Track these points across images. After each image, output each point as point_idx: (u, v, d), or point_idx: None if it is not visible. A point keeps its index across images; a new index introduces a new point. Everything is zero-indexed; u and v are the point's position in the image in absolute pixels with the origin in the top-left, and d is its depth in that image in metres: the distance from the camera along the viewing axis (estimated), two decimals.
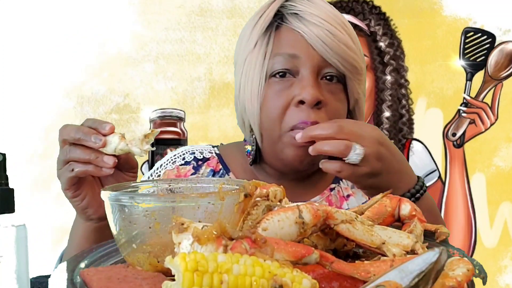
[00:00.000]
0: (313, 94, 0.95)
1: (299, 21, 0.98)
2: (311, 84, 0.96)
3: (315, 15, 0.98)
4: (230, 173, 1.13)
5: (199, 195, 0.66)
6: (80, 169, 0.84)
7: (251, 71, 1.01)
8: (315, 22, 0.97)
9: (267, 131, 1.01)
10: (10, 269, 0.62)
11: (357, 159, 0.86)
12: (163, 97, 2.41)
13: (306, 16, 0.98)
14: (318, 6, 1.00)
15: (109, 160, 0.83)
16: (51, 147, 2.37)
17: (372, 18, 2.43)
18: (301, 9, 0.99)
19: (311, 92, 0.95)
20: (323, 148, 0.88)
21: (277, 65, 0.98)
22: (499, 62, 2.42)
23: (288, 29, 0.99)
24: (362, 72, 1.03)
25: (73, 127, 0.85)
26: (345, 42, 0.98)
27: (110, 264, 0.69)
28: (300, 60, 0.97)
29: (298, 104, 0.97)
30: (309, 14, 0.98)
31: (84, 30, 2.36)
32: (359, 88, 1.03)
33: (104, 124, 0.84)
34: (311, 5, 1.00)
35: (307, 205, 0.60)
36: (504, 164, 2.41)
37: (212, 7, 2.40)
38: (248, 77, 1.01)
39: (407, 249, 0.64)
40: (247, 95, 1.02)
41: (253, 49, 1.01)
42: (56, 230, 2.33)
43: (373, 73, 2.43)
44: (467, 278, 0.53)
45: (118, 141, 0.83)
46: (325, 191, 1.13)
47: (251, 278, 0.48)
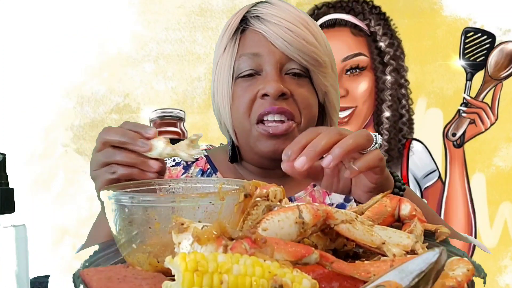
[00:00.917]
0: (276, 86, 1.00)
1: (260, 22, 1.05)
2: (274, 79, 1.01)
3: (275, 15, 1.04)
4: (218, 172, 1.17)
5: (199, 195, 0.66)
6: (124, 172, 0.83)
7: (221, 74, 1.07)
8: (275, 22, 1.03)
9: (238, 128, 1.06)
10: (10, 269, 0.62)
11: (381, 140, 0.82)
12: (163, 97, 2.41)
13: (267, 17, 1.05)
14: (280, 8, 1.06)
15: (155, 164, 0.83)
16: (51, 147, 2.37)
17: (372, 18, 2.43)
18: (263, 11, 1.06)
19: (273, 85, 1.00)
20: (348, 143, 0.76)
21: (242, 65, 1.05)
22: (499, 62, 2.42)
23: (251, 31, 1.06)
24: (326, 65, 1.07)
25: (117, 130, 0.84)
26: (304, 37, 1.03)
27: (110, 264, 0.69)
28: (262, 58, 1.03)
29: (263, 97, 1.02)
30: (270, 15, 1.05)
31: (84, 30, 2.36)
32: (326, 81, 1.07)
33: (147, 128, 0.84)
34: (272, 7, 1.06)
35: (307, 205, 0.60)
36: (504, 164, 2.41)
37: (212, 7, 2.40)
38: (219, 80, 1.08)
39: (407, 249, 0.64)
40: (219, 97, 1.08)
41: (222, 53, 1.08)
42: (56, 230, 2.33)
43: (373, 73, 2.44)
44: (467, 278, 0.53)
45: (164, 145, 0.83)
46: (308, 187, 1.16)
47: (251, 278, 0.48)
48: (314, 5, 2.44)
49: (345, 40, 2.43)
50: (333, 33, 2.43)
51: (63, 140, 2.38)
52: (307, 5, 2.44)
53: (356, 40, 2.43)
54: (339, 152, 0.75)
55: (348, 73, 2.42)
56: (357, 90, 2.43)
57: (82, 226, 2.27)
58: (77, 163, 2.38)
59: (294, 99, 1.03)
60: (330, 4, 2.44)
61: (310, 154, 0.76)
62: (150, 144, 0.82)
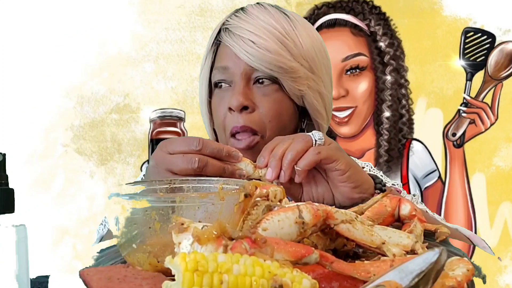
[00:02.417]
0: (238, 100, 1.04)
1: (228, 36, 1.09)
2: (239, 91, 1.06)
3: (243, 28, 1.08)
4: None
5: (199, 195, 0.66)
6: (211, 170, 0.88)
7: (202, 85, 1.15)
8: (240, 34, 1.07)
9: (219, 137, 1.13)
10: (10, 269, 0.62)
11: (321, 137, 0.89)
12: (163, 97, 2.41)
13: (235, 30, 1.08)
14: (249, 19, 1.09)
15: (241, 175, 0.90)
16: (51, 147, 2.37)
17: (372, 18, 2.43)
18: (232, 24, 1.09)
19: (236, 99, 1.05)
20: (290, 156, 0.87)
21: (215, 77, 1.11)
22: (499, 62, 2.42)
23: (222, 45, 1.11)
24: (293, 70, 1.07)
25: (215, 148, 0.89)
26: (267, 47, 1.06)
27: (110, 264, 0.69)
28: (230, 71, 1.08)
29: (230, 111, 1.07)
30: (238, 27, 1.08)
31: (84, 30, 2.36)
32: (298, 85, 1.08)
33: (235, 153, 0.90)
34: (243, 19, 1.09)
35: (307, 205, 0.60)
36: (504, 164, 2.41)
37: (212, 7, 2.40)
38: (201, 91, 1.15)
39: (407, 249, 0.64)
40: (202, 107, 1.16)
41: (203, 65, 1.15)
42: (56, 230, 2.33)
43: (373, 73, 2.44)
44: (467, 278, 0.53)
45: (252, 171, 0.89)
46: None
47: (251, 278, 0.48)
48: (314, 5, 2.44)
49: (345, 40, 2.43)
50: (333, 33, 2.43)
51: (63, 140, 2.38)
52: (307, 5, 2.44)
53: (356, 40, 2.43)
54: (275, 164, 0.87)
55: (348, 73, 2.42)
56: (357, 90, 2.43)
57: (82, 226, 2.27)
58: (77, 163, 2.38)
59: (258, 111, 1.07)
60: (330, 4, 2.44)
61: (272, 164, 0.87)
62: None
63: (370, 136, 2.46)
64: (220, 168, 0.88)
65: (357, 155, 2.43)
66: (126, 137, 2.40)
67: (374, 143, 2.45)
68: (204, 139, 0.89)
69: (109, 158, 2.39)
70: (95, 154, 2.39)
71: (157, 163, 0.90)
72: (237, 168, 0.89)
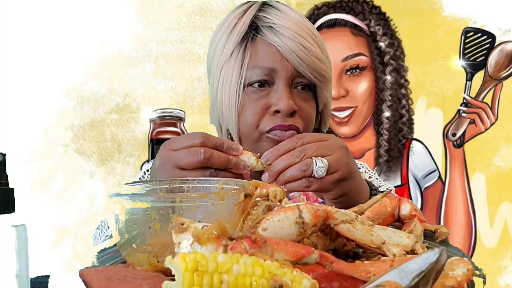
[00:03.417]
0: (289, 105, 1.03)
1: (274, 34, 1.05)
2: (287, 96, 1.04)
3: (288, 28, 1.05)
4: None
5: (199, 195, 0.66)
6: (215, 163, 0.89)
7: (228, 80, 1.07)
8: (289, 36, 1.04)
9: (245, 135, 1.08)
10: (10, 269, 0.62)
11: (323, 172, 0.89)
12: (163, 97, 2.41)
13: (280, 29, 1.05)
14: (290, 18, 1.06)
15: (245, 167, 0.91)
16: (51, 147, 2.37)
17: (372, 18, 2.43)
18: (275, 22, 1.05)
19: (286, 103, 1.03)
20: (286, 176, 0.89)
21: (255, 76, 1.05)
22: (499, 62, 2.42)
23: (263, 42, 1.06)
24: (330, 79, 1.11)
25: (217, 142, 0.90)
26: (317, 55, 1.06)
27: (110, 264, 0.69)
28: (276, 73, 1.05)
29: (274, 113, 1.04)
30: (283, 27, 1.05)
31: (84, 30, 2.36)
32: (327, 93, 1.12)
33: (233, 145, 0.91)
34: (283, 17, 1.06)
35: (307, 205, 0.60)
36: (504, 164, 2.41)
37: (212, 7, 2.40)
38: (225, 85, 1.08)
39: (407, 249, 0.64)
40: (225, 102, 1.08)
41: (229, 58, 1.07)
42: (56, 230, 2.33)
43: (373, 73, 2.44)
44: (467, 278, 0.53)
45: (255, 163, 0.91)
46: None
47: (251, 278, 0.48)
48: (314, 5, 2.44)
49: (345, 40, 2.43)
50: (333, 33, 2.43)
51: (63, 140, 2.38)
52: (307, 5, 2.44)
53: (356, 40, 2.43)
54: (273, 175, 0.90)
55: (348, 73, 2.42)
56: (357, 90, 2.43)
57: (82, 226, 2.27)
58: (77, 163, 2.38)
59: (299, 114, 1.06)
60: (330, 4, 2.44)
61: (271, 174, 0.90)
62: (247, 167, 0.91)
63: (370, 136, 2.46)
64: (225, 159, 0.88)
65: (357, 155, 2.43)
66: (126, 137, 2.40)
67: (374, 143, 2.45)
68: (206, 134, 0.90)
69: (109, 158, 2.39)
70: (95, 154, 2.39)
71: (163, 161, 0.90)
72: (241, 160, 0.90)
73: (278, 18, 1.06)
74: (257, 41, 1.06)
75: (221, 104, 1.09)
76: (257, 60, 1.05)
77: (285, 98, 1.03)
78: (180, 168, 0.88)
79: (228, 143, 0.90)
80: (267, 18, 1.06)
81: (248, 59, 1.06)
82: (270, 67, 1.04)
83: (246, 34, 1.06)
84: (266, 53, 1.05)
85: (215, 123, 1.15)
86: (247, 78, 1.05)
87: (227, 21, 1.10)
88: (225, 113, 1.09)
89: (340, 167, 0.90)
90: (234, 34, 1.07)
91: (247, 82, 1.05)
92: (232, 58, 1.06)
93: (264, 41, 1.05)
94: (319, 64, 1.06)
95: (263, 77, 1.05)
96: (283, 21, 1.05)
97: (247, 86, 1.06)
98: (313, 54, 1.05)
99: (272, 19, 1.06)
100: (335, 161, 0.90)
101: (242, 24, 1.07)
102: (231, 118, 1.08)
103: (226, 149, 0.90)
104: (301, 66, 1.04)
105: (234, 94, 1.06)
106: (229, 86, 1.07)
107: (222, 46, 1.08)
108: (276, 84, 1.05)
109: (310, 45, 1.05)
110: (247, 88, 1.06)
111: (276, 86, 1.05)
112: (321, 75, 1.07)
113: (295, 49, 1.03)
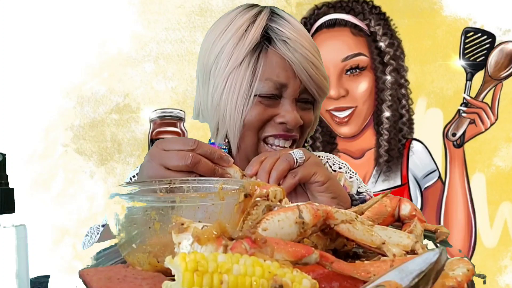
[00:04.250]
0: (296, 119, 1.07)
1: (287, 49, 1.06)
2: (294, 109, 1.07)
3: (301, 44, 1.06)
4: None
5: (199, 195, 0.66)
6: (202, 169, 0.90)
7: (237, 89, 1.06)
8: (302, 53, 1.06)
9: (244, 140, 1.09)
10: (10, 269, 0.62)
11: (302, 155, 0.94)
12: (163, 97, 2.41)
13: (295, 45, 1.06)
14: (301, 33, 1.08)
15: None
16: (51, 147, 2.37)
17: (372, 18, 2.43)
18: (289, 37, 1.06)
19: (293, 117, 1.07)
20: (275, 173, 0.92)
21: (266, 89, 1.06)
22: (499, 62, 2.42)
23: (276, 55, 1.06)
24: (327, 92, 1.15)
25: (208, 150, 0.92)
26: (323, 73, 1.10)
27: (110, 264, 0.69)
28: (286, 88, 1.07)
29: (279, 124, 1.07)
30: (297, 43, 1.06)
31: (84, 30, 2.36)
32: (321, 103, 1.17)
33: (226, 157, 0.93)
34: (295, 32, 1.08)
35: (307, 205, 0.60)
36: (504, 164, 2.41)
37: (212, 7, 2.40)
38: (232, 93, 1.07)
39: (407, 249, 0.64)
40: (230, 109, 1.08)
41: (239, 66, 1.06)
42: (56, 230, 2.33)
43: (373, 73, 2.44)
44: (467, 278, 0.53)
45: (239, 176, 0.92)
46: None
47: (251, 278, 0.48)
48: (314, 5, 2.44)
49: (345, 40, 2.43)
50: (333, 33, 2.43)
51: (63, 140, 2.38)
52: (307, 5, 2.44)
53: (356, 40, 2.43)
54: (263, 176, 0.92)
55: (348, 73, 2.42)
56: (357, 90, 2.43)
57: (82, 226, 2.27)
58: (77, 163, 2.38)
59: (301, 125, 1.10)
60: (330, 4, 2.44)
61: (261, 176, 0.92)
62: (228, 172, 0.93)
63: (370, 136, 2.46)
64: (211, 168, 0.90)
65: (357, 155, 2.43)
66: (126, 137, 2.40)
67: (374, 143, 2.45)
68: (199, 141, 0.92)
69: (109, 158, 2.39)
70: (95, 154, 2.39)
71: (152, 158, 0.92)
72: (226, 173, 0.92)
73: (291, 32, 1.07)
74: (270, 53, 1.06)
75: (224, 110, 1.08)
76: (271, 73, 1.06)
77: (293, 112, 1.06)
78: (166, 168, 0.90)
79: (219, 153, 0.92)
80: (280, 31, 1.06)
81: (261, 70, 1.06)
82: (283, 82, 1.06)
83: (258, 43, 1.06)
84: (279, 67, 1.06)
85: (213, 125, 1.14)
86: (258, 88, 1.06)
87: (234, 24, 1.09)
88: (228, 119, 1.08)
89: (310, 154, 0.96)
90: (245, 42, 1.06)
91: (258, 92, 1.06)
92: (242, 66, 1.06)
93: (277, 54, 1.06)
94: (324, 82, 1.10)
95: (274, 91, 1.06)
96: (296, 36, 1.06)
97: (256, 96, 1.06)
98: (320, 72, 1.09)
99: (286, 33, 1.06)
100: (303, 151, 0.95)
101: (254, 33, 1.06)
102: (235, 125, 1.08)
103: (217, 159, 0.91)
104: (309, 84, 1.07)
105: (242, 103, 1.06)
106: (237, 95, 1.06)
107: (229, 52, 1.07)
108: (284, 97, 1.07)
109: (318, 63, 1.08)
110: (256, 97, 1.06)
111: (284, 99, 1.07)
112: (324, 92, 1.12)
113: (306, 66, 1.06)
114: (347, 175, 1.23)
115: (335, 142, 2.45)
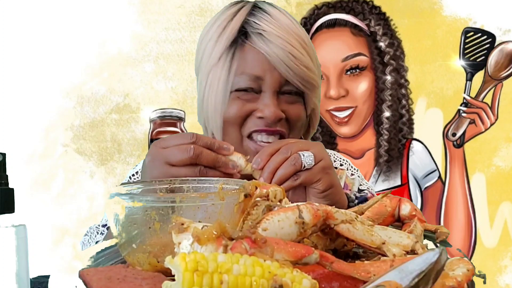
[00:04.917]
0: (275, 113, 1.04)
1: (263, 41, 1.04)
2: (273, 103, 1.04)
3: (277, 35, 1.04)
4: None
5: (199, 195, 0.66)
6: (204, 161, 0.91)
7: (215, 85, 1.06)
8: (278, 44, 1.03)
9: (228, 137, 1.08)
10: (10, 269, 0.62)
11: (311, 161, 0.92)
12: (163, 97, 2.41)
13: (270, 37, 1.04)
14: (280, 24, 1.05)
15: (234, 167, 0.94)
16: (51, 147, 2.37)
17: (372, 18, 2.43)
18: (265, 29, 1.04)
19: (272, 111, 1.04)
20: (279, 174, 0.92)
21: (242, 83, 1.05)
22: (499, 62, 2.42)
23: (252, 49, 1.05)
24: (318, 86, 1.12)
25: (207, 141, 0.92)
26: (306, 63, 1.06)
27: (110, 264, 0.69)
28: (264, 81, 1.04)
29: (259, 118, 1.05)
30: (273, 35, 1.04)
31: (84, 30, 2.36)
32: (316, 99, 1.13)
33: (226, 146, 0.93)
34: (273, 23, 1.05)
35: (307, 205, 0.60)
36: (504, 164, 2.41)
37: (212, 7, 2.40)
38: (212, 89, 1.07)
39: (407, 249, 0.64)
40: (211, 106, 1.07)
41: (217, 62, 1.06)
42: (56, 230, 2.33)
43: (373, 73, 2.44)
44: (467, 278, 0.53)
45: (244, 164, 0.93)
46: None
47: (251, 278, 0.48)
48: (314, 5, 2.44)
49: (345, 40, 2.43)
50: (333, 33, 2.43)
51: (63, 140, 2.38)
52: (307, 5, 2.44)
53: (356, 40, 2.43)
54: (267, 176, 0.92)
55: (348, 73, 2.42)
56: (357, 90, 2.43)
57: (82, 226, 2.27)
58: (77, 163, 2.38)
59: (287, 118, 1.07)
60: (330, 4, 2.44)
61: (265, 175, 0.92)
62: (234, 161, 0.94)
63: (370, 136, 2.46)
64: (214, 157, 0.91)
65: (357, 155, 2.43)
66: (126, 137, 2.40)
67: (374, 143, 2.45)
68: (197, 134, 0.92)
69: (109, 158, 2.39)
70: (95, 154, 2.39)
71: (153, 158, 0.92)
72: (230, 160, 0.93)
73: (268, 24, 1.05)
74: (246, 48, 1.05)
75: (207, 108, 1.09)
76: (245, 67, 1.05)
77: (272, 106, 1.04)
78: (170, 165, 0.90)
79: (219, 143, 0.92)
80: (256, 24, 1.05)
81: (236, 65, 1.05)
82: (258, 75, 1.04)
83: (235, 39, 1.06)
84: (254, 61, 1.04)
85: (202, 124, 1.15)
86: (235, 84, 1.05)
87: (216, 22, 1.09)
88: (210, 116, 1.08)
89: (324, 155, 0.94)
90: (222, 39, 1.06)
91: (234, 88, 1.05)
92: (219, 63, 1.06)
93: (252, 48, 1.05)
94: (307, 72, 1.06)
95: (250, 84, 1.04)
96: (273, 28, 1.04)
97: (234, 91, 1.06)
98: (302, 63, 1.05)
99: (262, 25, 1.05)
100: (318, 151, 0.93)
101: (231, 29, 1.06)
102: (216, 122, 1.07)
103: (217, 148, 0.92)
104: (289, 75, 1.04)
105: (220, 100, 1.06)
106: (216, 91, 1.06)
107: (210, 49, 1.08)
108: (263, 91, 1.05)
109: (299, 54, 1.05)
110: (233, 93, 1.06)
111: (263, 93, 1.05)
112: (309, 83, 1.07)
113: (284, 58, 1.03)
114: (348, 172, 1.23)
115: (335, 142, 2.45)
